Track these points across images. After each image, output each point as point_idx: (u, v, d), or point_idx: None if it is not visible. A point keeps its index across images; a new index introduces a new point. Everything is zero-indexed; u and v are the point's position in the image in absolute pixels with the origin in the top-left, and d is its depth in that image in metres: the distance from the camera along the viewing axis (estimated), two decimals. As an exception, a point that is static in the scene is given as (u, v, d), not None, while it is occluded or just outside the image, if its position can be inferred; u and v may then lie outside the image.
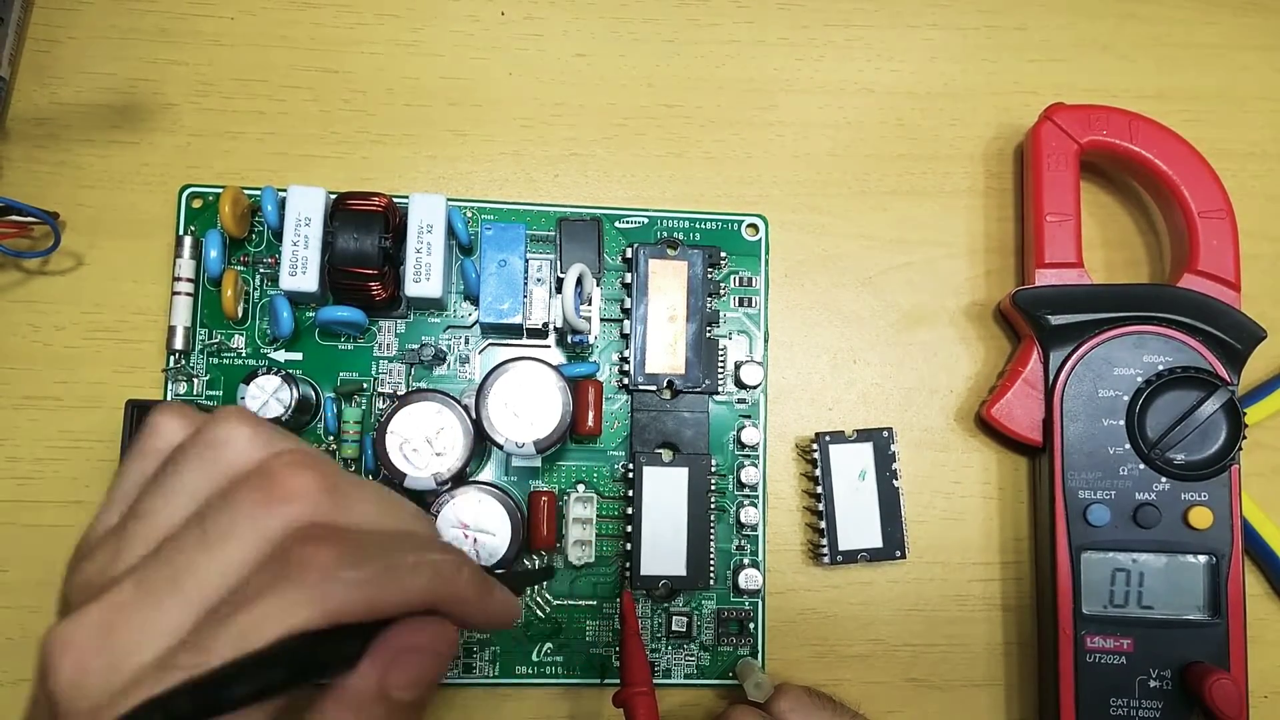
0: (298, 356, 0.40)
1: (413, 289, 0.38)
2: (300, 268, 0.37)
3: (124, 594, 0.21)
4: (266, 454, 0.23)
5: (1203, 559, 0.39)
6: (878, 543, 0.40)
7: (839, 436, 0.41)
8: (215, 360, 0.39)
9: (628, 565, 0.38)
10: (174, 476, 0.23)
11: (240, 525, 0.22)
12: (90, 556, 0.23)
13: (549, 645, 0.39)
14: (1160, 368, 0.39)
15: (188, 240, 0.39)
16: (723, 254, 0.41)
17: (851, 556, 0.40)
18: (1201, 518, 0.39)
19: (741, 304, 0.42)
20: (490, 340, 0.41)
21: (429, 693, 0.23)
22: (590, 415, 0.38)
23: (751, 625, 0.40)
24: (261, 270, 0.40)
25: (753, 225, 0.43)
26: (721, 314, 0.42)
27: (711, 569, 0.39)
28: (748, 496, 0.41)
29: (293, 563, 0.21)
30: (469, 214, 0.41)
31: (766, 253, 0.42)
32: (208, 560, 0.21)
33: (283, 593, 0.21)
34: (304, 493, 0.22)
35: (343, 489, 0.23)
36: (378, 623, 0.22)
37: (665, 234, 0.42)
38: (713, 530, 0.39)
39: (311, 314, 0.40)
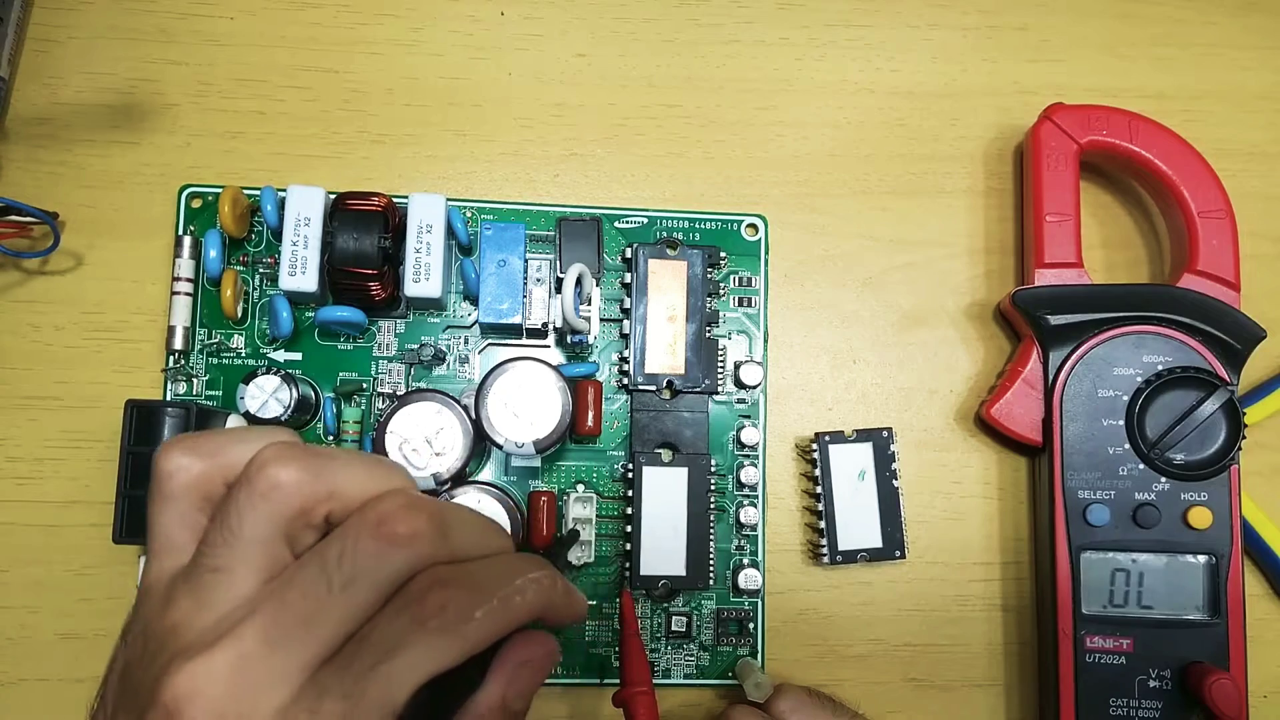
0: (297, 356, 0.40)
1: (412, 289, 0.38)
2: (300, 268, 0.37)
3: (250, 639, 0.22)
4: (365, 493, 0.24)
5: (1202, 559, 0.39)
6: (877, 543, 0.40)
7: (839, 436, 0.41)
8: (215, 360, 0.39)
9: (627, 565, 0.38)
10: (238, 530, 0.23)
11: (364, 571, 0.22)
12: (170, 602, 0.23)
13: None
14: (1160, 368, 0.39)
15: (187, 240, 0.39)
16: (722, 254, 0.41)
17: (851, 556, 0.40)
18: (1201, 518, 0.39)
19: (741, 304, 0.42)
20: (490, 340, 0.41)
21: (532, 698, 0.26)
22: (590, 415, 0.38)
23: (751, 625, 0.40)
24: (261, 270, 0.40)
25: (752, 225, 0.43)
26: (721, 314, 0.42)
27: (711, 569, 0.39)
28: (747, 496, 0.41)
29: (429, 610, 0.22)
30: (469, 214, 0.41)
31: (766, 253, 0.42)
32: (334, 605, 0.22)
33: (424, 639, 0.22)
34: (420, 535, 0.23)
35: (448, 523, 0.24)
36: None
37: (665, 234, 0.42)
38: (712, 530, 0.39)
39: (311, 314, 0.40)
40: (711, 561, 0.39)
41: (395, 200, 0.39)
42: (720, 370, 0.41)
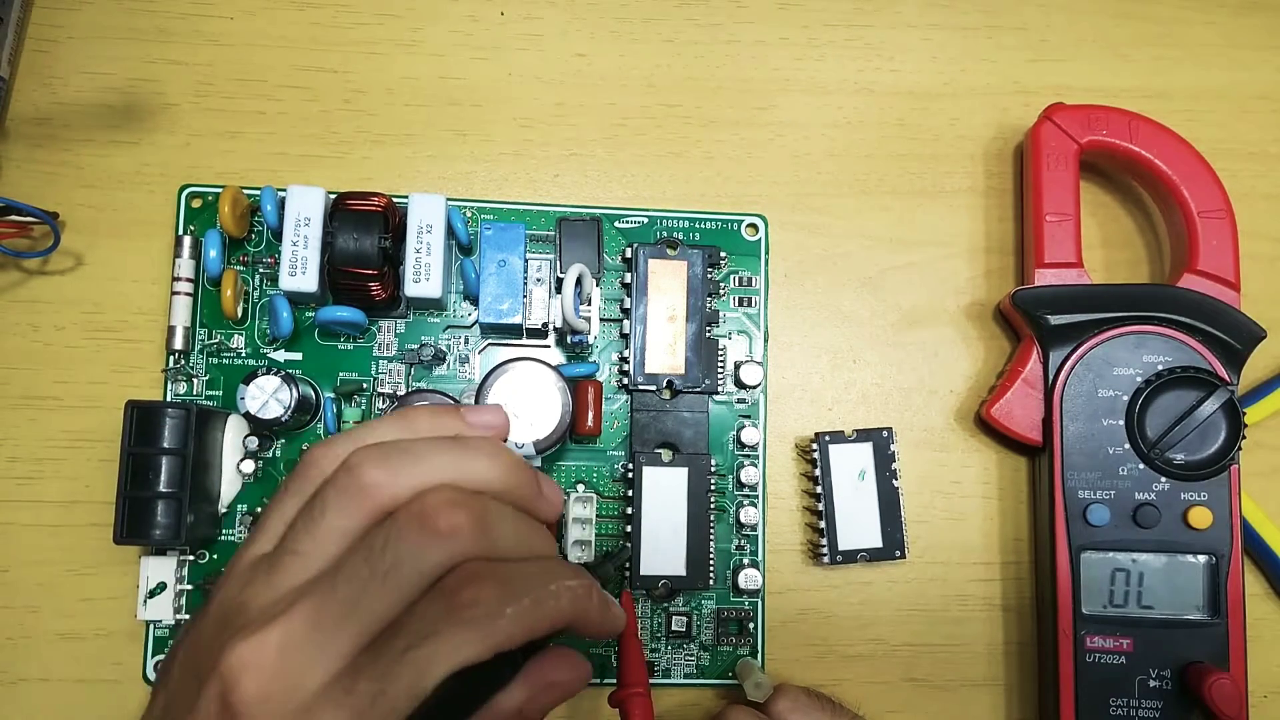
0: (297, 356, 0.40)
1: (412, 289, 0.38)
2: (300, 268, 0.37)
3: (299, 621, 0.23)
4: (419, 491, 0.25)
5: (1202, 559, 0.39)
6: (877, 543, 0.40)
7: (839, 436, 0.41)
8: (215, 360, 0.39)
9: (627, 565, 0.38)
10: (322, 519, 0.25)
11: (404, 560, 0.24)
12: (248, 581, 0.25)
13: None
14: (1160, 368, 0.39)
15: (187, 240, 0.39)
16: (722, 254, 0.41)
17: (851, 556, 0.40)
18: (1201, 518, 0.39)
19: (741, 304, 0.42)
20: (490, 340, 0.41)
21: None
22: (590, 415, 0.38)
23: (751, 625, 0.40)
24: (261, 270, 0.40)
25: (753, 225, 0.43)
26: (721, 314, 0.42)
27: (711, 569, 0.39)
28: (747, 496, 0.41)
29: (462, 602, 0.23)
30: (469, 214, 0.41)
31: (766, 253, 0.42)
32: (377, 592, 0.23)
33: (454, 630, 0.23)
34: (460, 529, 0.24)
35: (489, 522, 0.25)
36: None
37: (665, 234, 0.42)
38: (712, 530, 0.39)
39: (311, 314, 0.40)
40: (711, 561, 0.39)
41: (395, 200, 0.39)
42: (720, 370, 0.41)
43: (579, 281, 0.38)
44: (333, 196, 0.38)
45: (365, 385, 0.40)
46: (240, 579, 0.25)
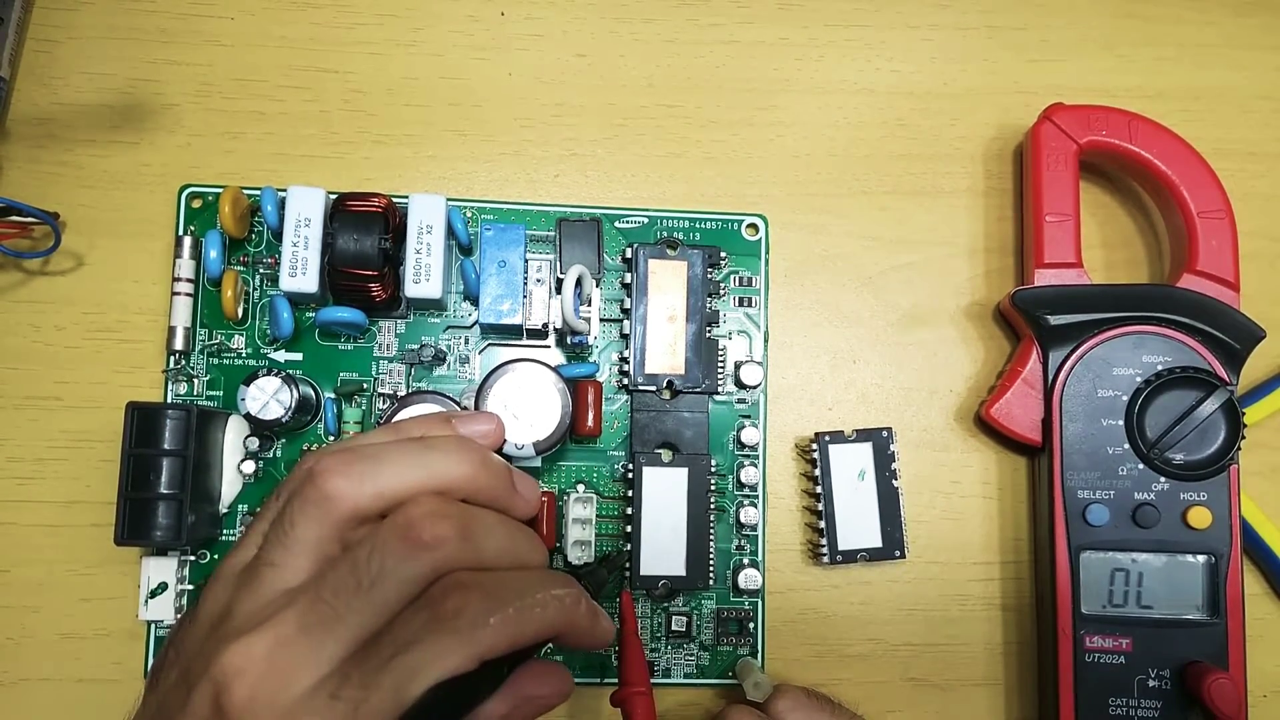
0: (298, 357, 0.40)
1: (412, 290, 0.38)
2: (300, 268, 0.37)
3: (287, 627, 0.23)
4: (388, 498, 0.26)
5: (1201, 559, 0.39)
6: (877, 543, 0.40)
7: (838, 436, 0.41)
8: (215, 361, 0.40)
9: (627, 565, 0.39)
10: (292, 530, 0.25)
11: (389, 572, 0.24)
12: (234, 588, 0.26)
13: (548, 644, 0.39)
14: (1159, 368, 0.39)
15: (187, 240, 0.39)
16: (723, 254, 0.41)
17: (851, 556, 0.40)
18: (1200, 517, 0.39)
19: (741, 304, 0.42)
20: (490, 341, 0.41)
21: None
22: (590, 416, 0.38)
23: (751, 625, 0.40)
24: (261, 271, 0.40)
25: (753, 225, 0.43)
26: (721, 314, 0.42)
27: (711, 569, 0.39)
28: (747, 496, 0.41)
29: (446, 612, 0.24)
30: (469, 214, 0.41)
31: (766, 253, 0.42)
32: (362, 602, 0.24)
33: (438, 639, 0.24)
34: (443, 540, 0.25)
35: (474, 531, 0.26)
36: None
37: (665, 234, 0.42)
38: (712, 530, 0.39)
39: (311, 314, 0.40)
40: (711, 561, 0.39)
41: (395, 201, 0.39)
42: (720, 370, 0.41)
43: (579, 282, 0.38)
44: (333, 197, 0.38)
45: (366, 386, 0.40)
46: (226, 585, 0.26)
